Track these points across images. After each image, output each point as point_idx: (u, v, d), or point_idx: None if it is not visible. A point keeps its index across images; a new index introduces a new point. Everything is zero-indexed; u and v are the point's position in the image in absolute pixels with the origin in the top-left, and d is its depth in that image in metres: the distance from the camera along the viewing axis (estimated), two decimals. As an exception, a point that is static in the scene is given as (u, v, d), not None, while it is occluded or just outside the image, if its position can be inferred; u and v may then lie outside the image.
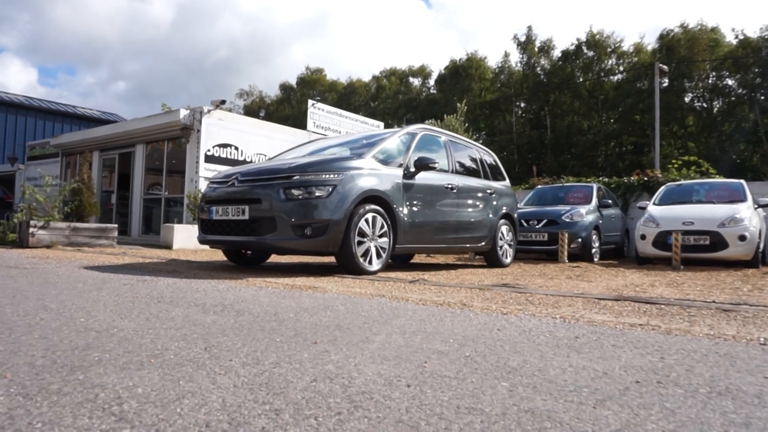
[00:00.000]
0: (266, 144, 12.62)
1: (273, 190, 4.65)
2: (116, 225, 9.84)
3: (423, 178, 5.74)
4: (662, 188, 9.72)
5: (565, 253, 8.79)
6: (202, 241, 5.33)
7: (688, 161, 12.11)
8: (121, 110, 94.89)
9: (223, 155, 11.75)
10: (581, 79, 35.95)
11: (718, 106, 32.94)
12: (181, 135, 11.43)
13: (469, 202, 6.57)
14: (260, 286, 3.82)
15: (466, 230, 6.50)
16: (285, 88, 50.07)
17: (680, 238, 7.77)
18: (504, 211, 7.36)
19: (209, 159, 11.47)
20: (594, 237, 9.39)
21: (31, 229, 8.37)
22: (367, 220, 4.92)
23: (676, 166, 12.17)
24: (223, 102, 11.48)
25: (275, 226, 4.59)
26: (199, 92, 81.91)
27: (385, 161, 5.37)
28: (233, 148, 11.94)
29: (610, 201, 10.30)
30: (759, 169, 28.77)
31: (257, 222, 4.70)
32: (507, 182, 7.85)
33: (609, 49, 35.15)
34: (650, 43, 35.86)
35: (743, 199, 8.53)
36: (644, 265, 8.46)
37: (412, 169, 5.64)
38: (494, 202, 7.07)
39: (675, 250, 7.78)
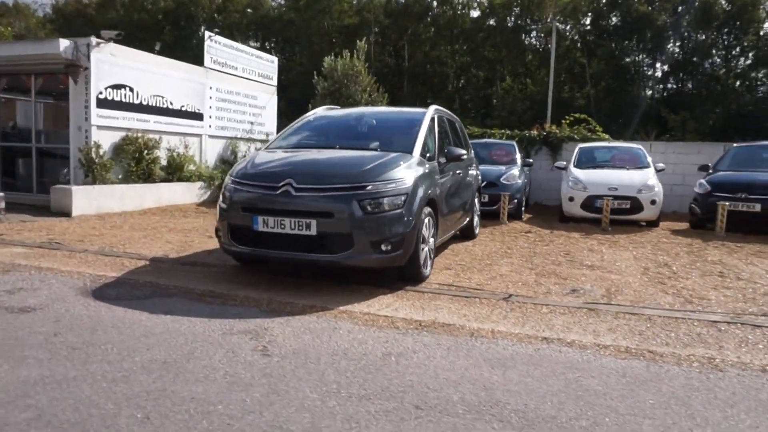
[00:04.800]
0: (164, 84, 10.84)
1: (346, 202, 4.16)
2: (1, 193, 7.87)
3: (447, 167, 5.61)
4: (577, 150, 10.75)
5: (506, 214, 9.42)
6: (240, 255, 4.63)
7: (578, 119, 13.47)
8: None
9: (117, 98, 9.85)
10: (438, 11, 36.62)
11: (548, 47, 36.38)
12: (64, 72, 9.23)
13: (466, 181, 6.61)
14: (433, 338, 3.52)
15: (464, 210, 6.59)
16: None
17: (612, 203, 8.84)
18: (477, 182, 7.57)
19: (102, 103, 9.53)
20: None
21: None
22: (426, 225, 4.73)
23: (567, 122, 13.48)
24: (119, 35, 9.44)
25: (351, 243, 4.16)
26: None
27: (425, 154, 5.10)
28: (128, 89, 10.05)
29: (531, 160, 11.14)
30: (585, 109, 33.00)
31: (327, 238, 4.20)
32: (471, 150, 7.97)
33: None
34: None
35: (647, 165, 9.90)
36: (568, 223, 9.50)
37: (443, 161, 5.47)
38: (472, 175, 7.20)
39: (605, 213, 8.85)
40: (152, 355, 2.94)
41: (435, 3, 37.09)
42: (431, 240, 4.95)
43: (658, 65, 32.57)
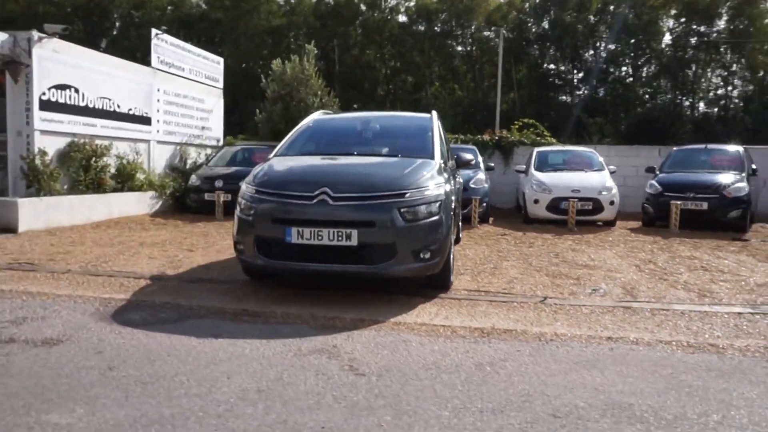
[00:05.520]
0: (110, 85, 10.06)
1: (388, 211, 4.06)
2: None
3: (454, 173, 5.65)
4: (535, 154, 11.19)
5: (477, 218, 9.63)
6: (267, 270, 4.36)
7: (527, 123, 14.05)
8: None
9: (62, 100, 9.01)
10: (367, 15, 36.84)
11: (477, 53, 37.79)
12: (1, 69, 8.29)
13: (459, 186, 6.68)
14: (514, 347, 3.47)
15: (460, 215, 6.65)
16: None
17: (577, 204, 9.29)
18: (461, 186, 7.70)
19: (46, 106, 8.67)
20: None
21: None
22: (452, 231, 4.73)
23: (516, 127, 14.02)
24: (66, 29, 8.62)
25: (393, 253, 4.06)
26: None
27: (444, 161, 5.10)
28: (73, 90, 9.22)
29: (492, 164, 11.46)
30: (510, 113, 34.52)
31: (368, 248, 4.07)
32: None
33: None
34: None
35: (602, 167, 10.52)
36: (533, 224, 9.88)
37: (453, 166, 5.50)
38: (459, 181, 7.29)
39: (571, 214, 9.29)
40: (238, 383, 2.70)
41: (364, 7, 37.31)
42: (452, 246, 4.95)
43: (576, 73, 34.73)
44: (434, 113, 5.92)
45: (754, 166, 9.87)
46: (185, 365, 2.93)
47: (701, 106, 34.67)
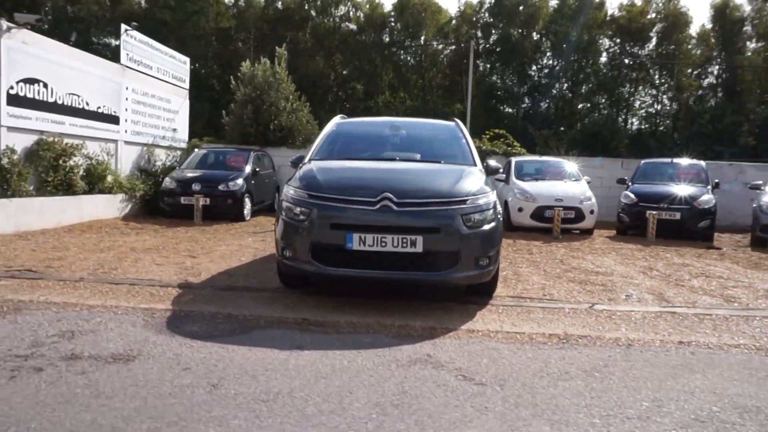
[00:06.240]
0: (80, 81, 9.38)
1: (452, 218, 4.00)
2: None
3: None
4: (513, 163, 11.44)
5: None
6: (326, 277, 4.15)
7: (497, 134, 14.40)
8: None
9: (30, 95, 8.29)
10: (317, 20, 36.61)
11: (425, 63, 38.47)
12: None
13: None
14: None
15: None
16: None
17: (561, 213, 9.59)
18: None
19: (13, 100, 7.95)
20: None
21: None
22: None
23: (488, 137, 14.34)
24: (39, 20, 7.94)
25: (457, 260, 4.00)
26: None
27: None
28: (42, 85, 8.51)
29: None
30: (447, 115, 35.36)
31: (433, 255, 3.99)
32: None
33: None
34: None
35: (579, 177, 10.93)
36: (517, 232, 10.11)
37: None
38: None
39: (557, 222, 9.58)
40: (365, 397, 2.55)
41: (314, 12, 37.06)
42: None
43: (521, 87, 36.06)
44: (458, 121, 5.93)
45: (716, 180, 10.61)
46: (292, 380, 2.73)
47: (634, 122, 37.04)
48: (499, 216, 4.44)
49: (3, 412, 2.29)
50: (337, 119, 6.02)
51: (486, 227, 4.15)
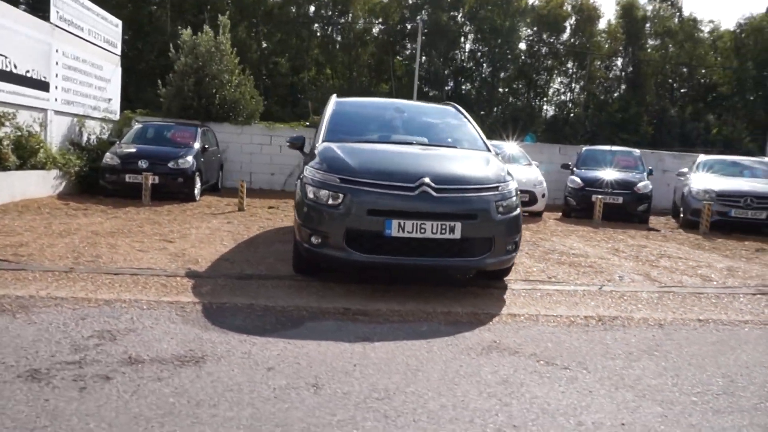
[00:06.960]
0: (7, 41, 8.25)
1: (487, 204, 4.02)
2: None
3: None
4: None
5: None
6: (361, 264, 4.00)
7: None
8: None
9: (-49, 55, 7.18)
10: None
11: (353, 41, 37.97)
12: None
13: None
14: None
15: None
16: None
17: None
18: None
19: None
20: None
21: None
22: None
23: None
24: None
25: (490, 246, 4.04)
26: None
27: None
28: (-36, 43, 7.39)
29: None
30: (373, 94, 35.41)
31: (469, 242, 3.99)
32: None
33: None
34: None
35: (530, 162, 11.39)
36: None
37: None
38: None
39: (513, 206, 9.94)
40: (474, 389, 2.53)
41: (236, -20, 35.07)
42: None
43: (445, 70, 36.69)
44: (455, 105, 5.94)
45: (650, 168, 11.52)
46: (389, 376, 2.64)
47: (548, 109, 39.09)
48: (518, 202, 4.53)
49: (104, 429, 2.01)
50: (334, 98, 5.79)
51: (514, 213, 4.23)
